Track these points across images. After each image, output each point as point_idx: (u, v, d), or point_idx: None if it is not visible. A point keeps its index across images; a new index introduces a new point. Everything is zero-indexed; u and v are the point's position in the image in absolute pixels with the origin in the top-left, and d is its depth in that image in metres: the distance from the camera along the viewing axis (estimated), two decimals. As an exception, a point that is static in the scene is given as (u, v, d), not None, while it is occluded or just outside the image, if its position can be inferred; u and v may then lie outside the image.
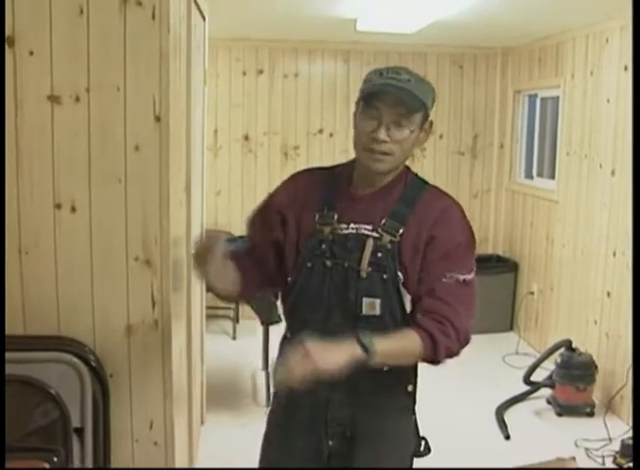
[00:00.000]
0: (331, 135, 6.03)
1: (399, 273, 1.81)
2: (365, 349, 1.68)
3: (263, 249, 1.98)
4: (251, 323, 5.33)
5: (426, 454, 2.01)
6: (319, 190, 1.92)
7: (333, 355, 1.65)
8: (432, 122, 1.86)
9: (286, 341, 2.01)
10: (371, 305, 1.81)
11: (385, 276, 1.80)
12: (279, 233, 1.94)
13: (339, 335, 1.77)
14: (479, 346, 5.23)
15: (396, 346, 1.77)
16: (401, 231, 1.81)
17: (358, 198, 1.88)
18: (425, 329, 1.77)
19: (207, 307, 4.17)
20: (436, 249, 1.82)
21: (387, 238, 1.81)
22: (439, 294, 1.80)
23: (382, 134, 1.76)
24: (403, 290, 1.82)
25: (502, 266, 6.08)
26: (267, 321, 4.32)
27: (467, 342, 1.83)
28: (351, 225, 1.85)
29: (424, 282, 1.82)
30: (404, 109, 1.76)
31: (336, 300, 1.84)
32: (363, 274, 1.81)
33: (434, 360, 1.80)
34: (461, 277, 1.82)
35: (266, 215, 1.99)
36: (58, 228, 2.37)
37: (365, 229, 1.83)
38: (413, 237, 1.82)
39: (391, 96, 1.74)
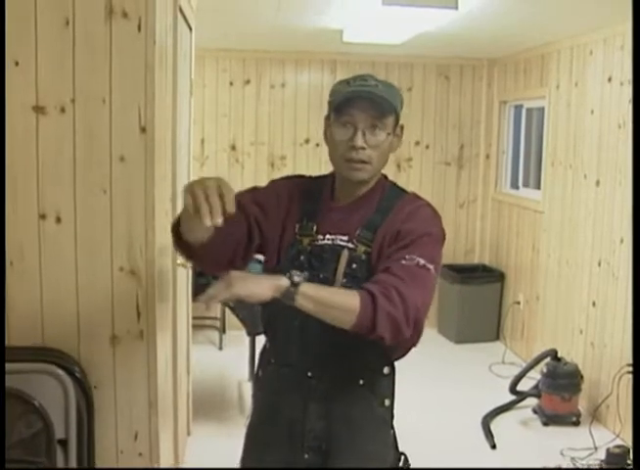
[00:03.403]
0: (317, 145, 6.04)
1: None
2: (293, 284, 1.61)
3: (235, 229, 1.82)
4: (237, 334, 5.32)
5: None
6: (301, 200, 1.92)
7: (256, 286, 1.61)
8: (402, 127, 1.88)
9: (265, 351, 2.01)
10: None
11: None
12: (258, 224, 1.88)
13: (316, 344, 1.77)
14: (465, 355, 5.31)
15: (328, 292, 1.68)
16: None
17: (336, 208, 1.88)
18: (366, 289, 1.65)
19: (194, 318, 4.15)
20: (402, 239, 1.75)
21: (361, 249, 1.80)
22: (393, 270, 1.68)
23: (359, 141, 1.76)
24: None
25: (488, 276, 6.11)
26: (254, 332, 4.31)
27: (417, 322, 1.66)
28: (327, 236, 1.84)
29: (381, 263, 1.74)
30: (377, 112, 1.77)
31: None
32: (337, 285, 1.78)
33: (372, 325, 1.62)
34: (421, 261, 1.71)
35: (249, 203, 1.88)
36: (43, 239, 2.36)
37: (341, 240, 1.83)
38: (380, 240, 1.79)
39: (364, 101, 1.76)
